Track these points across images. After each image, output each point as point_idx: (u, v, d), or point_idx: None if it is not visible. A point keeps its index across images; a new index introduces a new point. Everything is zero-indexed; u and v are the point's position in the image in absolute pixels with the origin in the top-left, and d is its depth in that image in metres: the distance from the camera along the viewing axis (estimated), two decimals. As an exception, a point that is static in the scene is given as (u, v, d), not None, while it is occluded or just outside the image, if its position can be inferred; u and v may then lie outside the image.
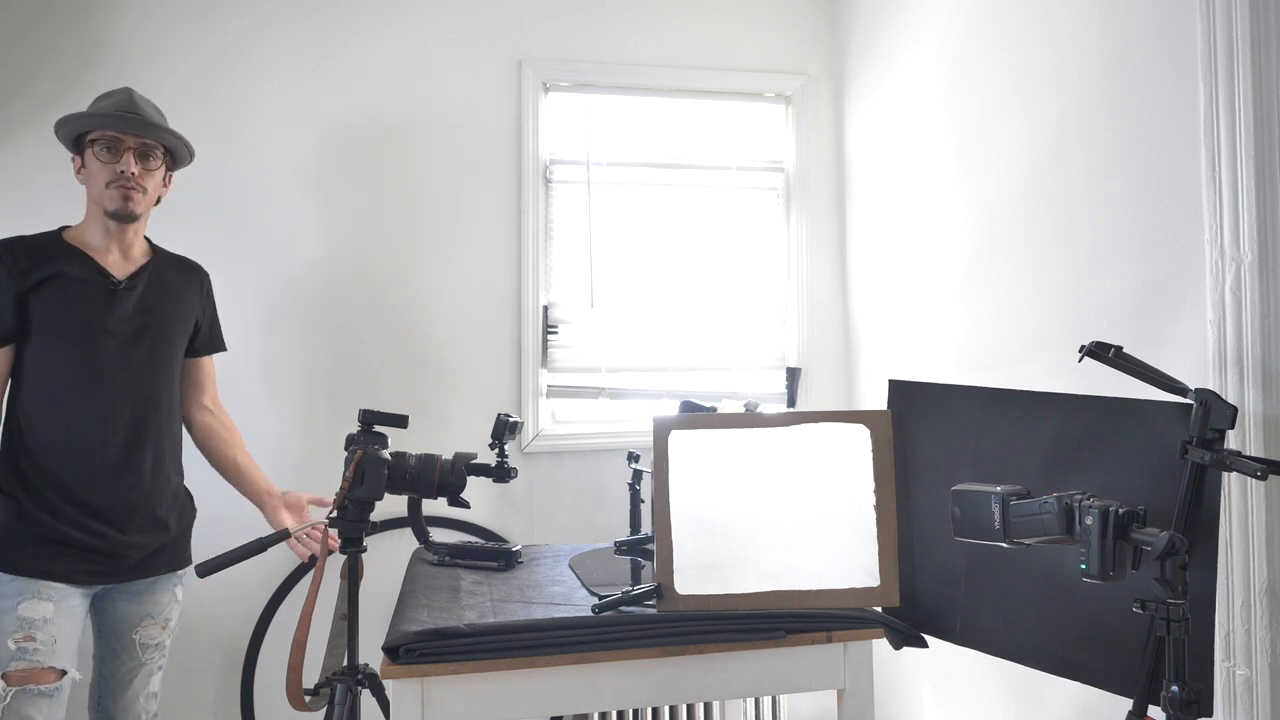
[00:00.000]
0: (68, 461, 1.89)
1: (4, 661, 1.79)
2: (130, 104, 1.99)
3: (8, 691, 1.78)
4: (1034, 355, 2.11)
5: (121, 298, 1.97)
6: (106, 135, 1.95)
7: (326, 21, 2.83)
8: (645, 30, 3.03)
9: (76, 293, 1.92)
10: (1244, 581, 1.55)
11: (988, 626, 1.66)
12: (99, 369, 1.93)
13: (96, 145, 1.95)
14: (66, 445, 1.90)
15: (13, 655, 1.79)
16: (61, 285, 1.91)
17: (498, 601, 1.80)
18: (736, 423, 1.79)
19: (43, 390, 1.90)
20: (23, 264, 1.89)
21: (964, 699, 2.41)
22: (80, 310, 1.92)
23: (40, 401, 1.89)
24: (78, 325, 1.91)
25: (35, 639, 1.81)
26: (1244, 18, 1.55)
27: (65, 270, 1.92)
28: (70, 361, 1.91)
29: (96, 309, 1.94)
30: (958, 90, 2.43)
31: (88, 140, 1.96)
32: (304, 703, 1.73)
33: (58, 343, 1.90)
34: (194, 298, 2.14)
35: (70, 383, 1.91)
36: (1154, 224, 1.76)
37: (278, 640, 2.70)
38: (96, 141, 1.95)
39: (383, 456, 1.78)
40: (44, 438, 1.89)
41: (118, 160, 1.95)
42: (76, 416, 1.91)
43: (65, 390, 1.90)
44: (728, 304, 3.09)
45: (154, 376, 2.02)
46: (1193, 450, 1.39)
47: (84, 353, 1.91)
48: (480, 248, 2.90)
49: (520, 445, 2.86)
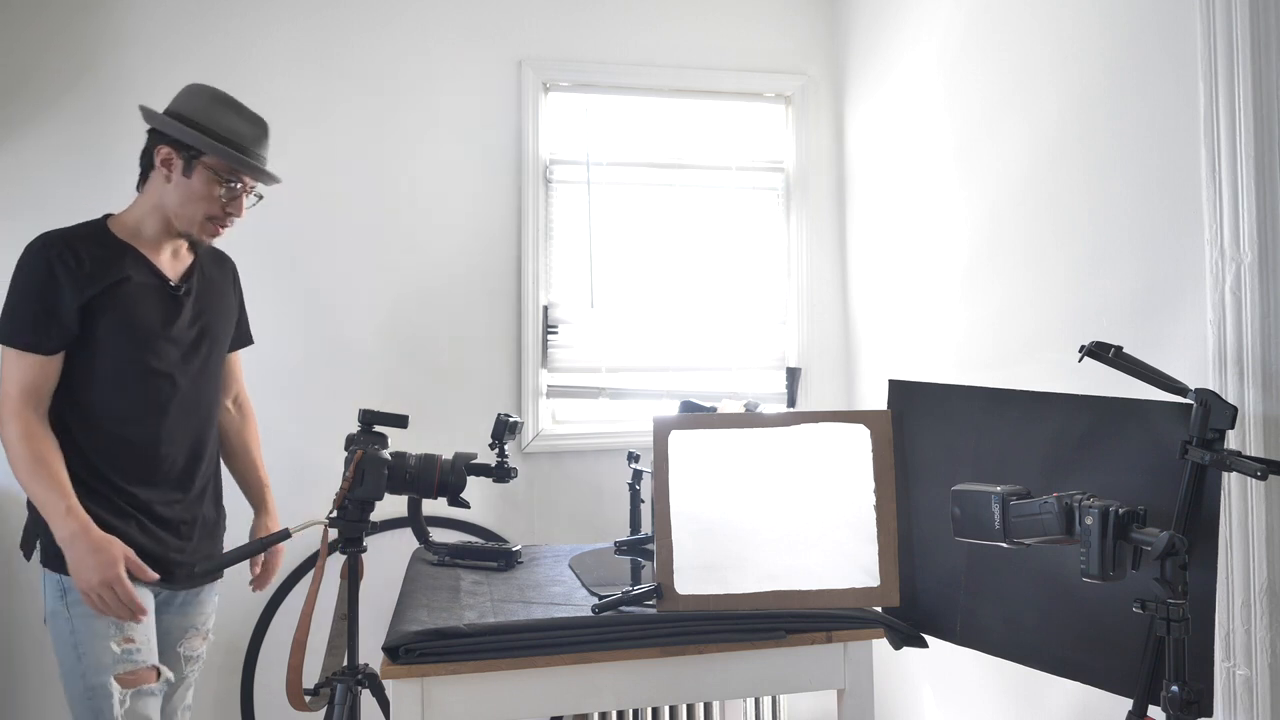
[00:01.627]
0: (132, 471, 1.82)
1: (110, 666, 1.73)
2: (264, 143, 1.90)
3: (125, 694, 1.73)
4: (1034, 355, 2.11)
5: (181, 303, 1.89)
6: (234, 172, 1.84)
7: (326, 22, 2.83)
8: (645, 30, 3.03)
9: (140, 300, 1.82)
10: (1244, 581, 1.55)
11: (988, 626, 1.66)
12: (165, 379, 1.84)
13: (215, 174, 1.82)
14: (131, 455, 1.82)
15: (118, 659, 1.74)
16: (126, 292, 1.79)
17: (498, 601, 1.80)
18: (736, 423, 1.79)
19: (106, 399, 1.80)
20: (86, 268, 1.76)
21: (964, 699, 2.41)
22: (145, 319, 1.82)
23: (103, 410, 1.80)
24: (143, 335, 1.81)
25: (134, 640, 1.76)
26: (1244, 18, 1.55)
27: (130, 275, 1.81)
28: (136, 372, 1.81)
29: (159, 317, 1.84)
30: (958, 90, 2.43)
31: (205, 161, 1.82)
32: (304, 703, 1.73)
33: (124, 351, 1.79)
34: (231, 293, 2.08)
35: (137, 394, 1.82)
36: (1154, 224, 1.76)
37: (278, 640, 2.70)
38: (216, 171, 1.83)
39: (383, 456, 1.78)
40: (106, 446, 1.80)
41: (232, 201, 1.86)
42: (142, 428, 1.82)
43: (132, 401, 1.81)
44: (728, 304, 3.09)
45: (210, 383, 1.97)
46: (1193, 450, 1.39)
47: (149, 362, 1.82)
48: (480, 248, 2.89)
49: (520, 445, 2.86)
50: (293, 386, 2.75)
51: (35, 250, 1.77)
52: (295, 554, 2.68)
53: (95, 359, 1.78)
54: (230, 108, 1.88)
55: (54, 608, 1.76)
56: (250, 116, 1.90)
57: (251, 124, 1.89)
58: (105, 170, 2.64)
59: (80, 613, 1.73)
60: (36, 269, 1.75)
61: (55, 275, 1.74)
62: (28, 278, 1.75)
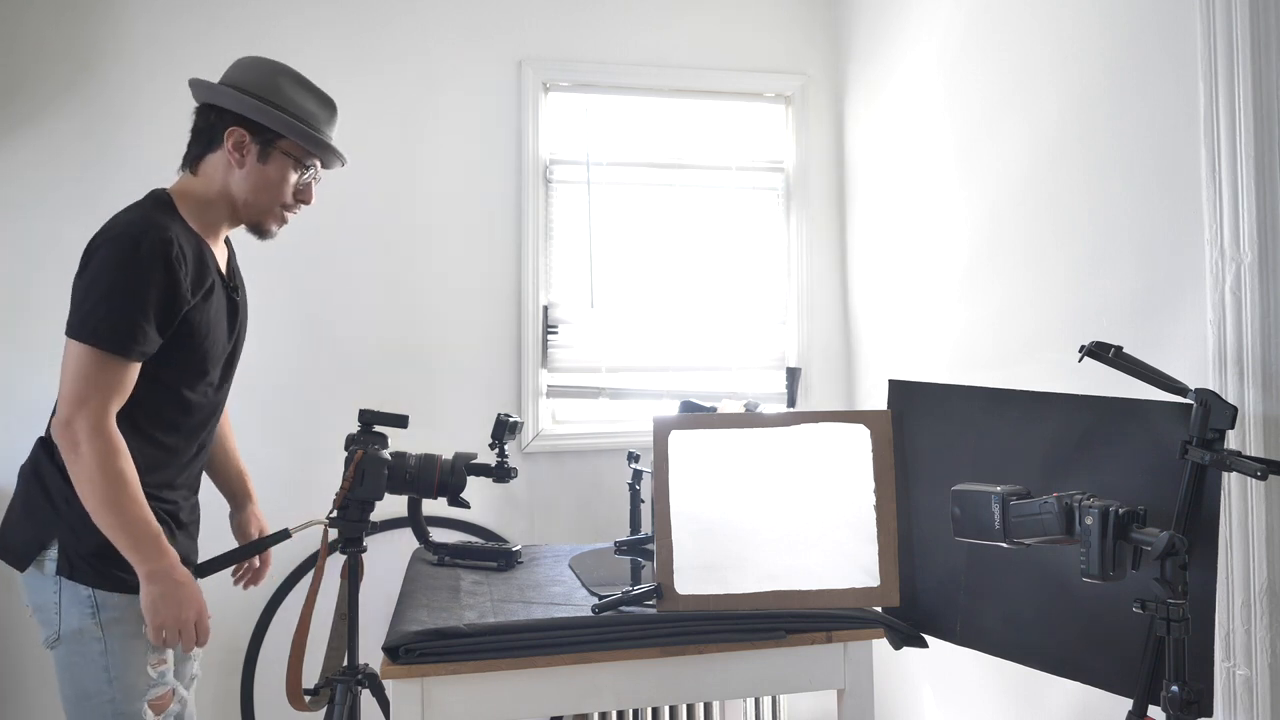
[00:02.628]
0: (166, 477, 1.67)
1: (145, 692, 1.59)
2: (334, 123, 1.77)
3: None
4: (1034, 355, 2.11)
5: (237, 306, 1.76)
6: (313, 159, 1.71)
7: (326, 22, 2.83)
8: (645, 30, 3.03)
9: (218, 304, 1.67)
10: (1244, 581, 1.55)
11: (988, 626, 1.66)
12: (212, 388, 1.71)
13: (294, 159, 1.68)
14: (170, 463, 1.68)
15: (152, 683, 1.60)
16: (213, 299, 1.65)
17: (498, 601, 1.80)
18: (736, 423, 1.79)
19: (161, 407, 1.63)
20: (192, 271, 1.57)
21: (964, 699, 2.41)
22: (219, 328, 1.68)
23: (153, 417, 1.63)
24: (217, 346, 1.67)
25: (166, 661, 1.64)
26: (1244, 18, 1.55)
27: (214, 279, 1.65)
28: (199, 383, 1.67)
29: (226, 324, 1.72)
30: (958, 90, 2.43)
31: (283, 146, 1.67)
32: (304, 703, 1.73)
33: (195, 361, 1.64)
34: None
35: (194, 404, 1.67)
36: (1154, 224, 1.76)
37: (278, 640, 2.70)
38: (295, 157, 1.69)
39: (383, 457, 1.78)
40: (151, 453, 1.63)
41: (305, 189, 1.73)
42: (188, 439, 1.70)
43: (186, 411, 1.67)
44: (728, 304, 3.08)
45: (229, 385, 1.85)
46: (1193, 450, 1.39)
47: (210, 374, 1.68)
48: (480, 248, 2.89)
49: (520, 445, 2.86)
50: (293, 386, 2.75)
51: (150, 243, 1.52)
52: (295, 554, 2.68)
53: (161, 366, 1.60)
54: (301, 85, 1.71)
55: (80, 626, 1.56)
56: (320, 95, 1.74)
57: (322, 103, 1.74)
58: (105, 171, 2.64)
59: (119, 632, 1.57)
60: (152, 268, 1.52)
61: (175, 278, 1.54)
62: (138, 275, 1.51)
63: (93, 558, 1.56)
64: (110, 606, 1.57)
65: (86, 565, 1.56)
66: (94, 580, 1.57)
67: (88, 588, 1.56)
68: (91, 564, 1.56)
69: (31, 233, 2.62)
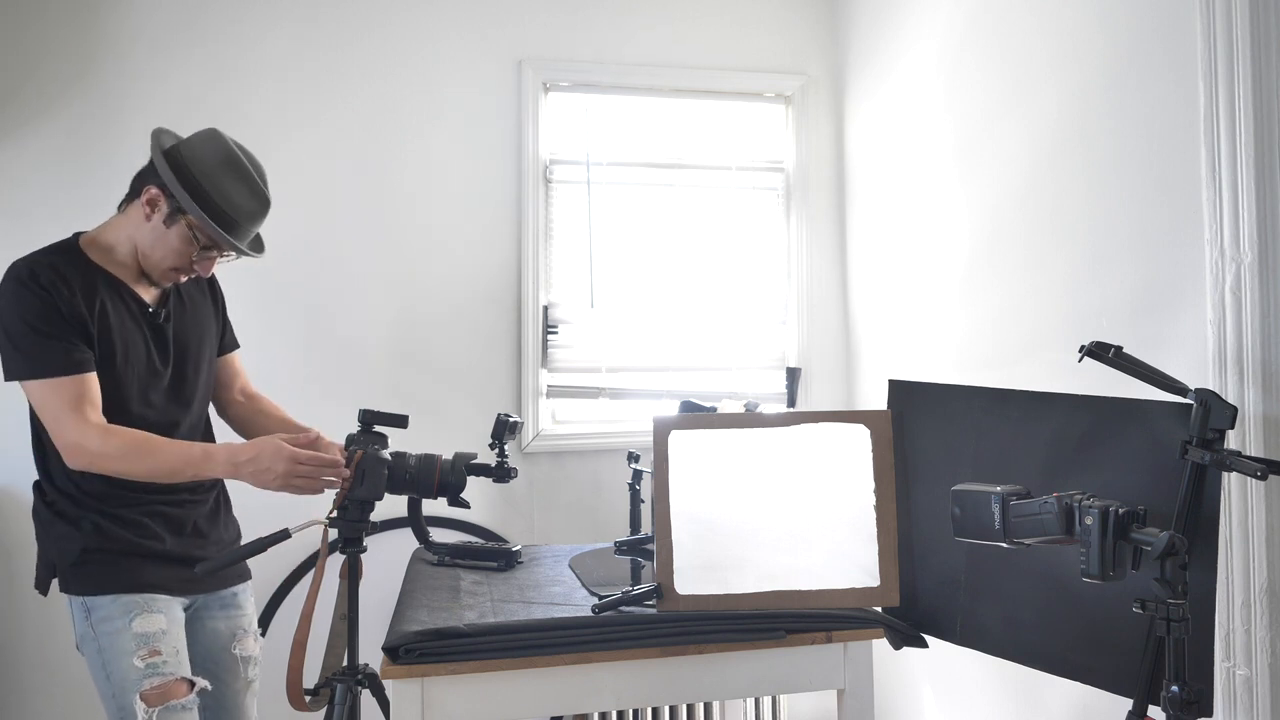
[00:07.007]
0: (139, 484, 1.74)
1: (136, 683, 1.65)
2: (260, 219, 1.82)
3: (150, 713, 1.65)
4: (1034, 355, 2.11)
5: (162, 330, 1.82)
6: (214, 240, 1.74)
7: (326, 22, 2.83)
8: (645, 30, 3.03)
9: (131, 333, 1.75)
10: (1244, 581, 1.55)
11: (988, 626, 1.66)
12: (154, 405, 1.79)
13: (194, 234, 1.73)
14: None
15: (143, 674, 1.66)
16: (108, 321, 1.72)
17: (498, 601, 1.80)
18: (736, 423, 1.79)
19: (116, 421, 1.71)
20: (78, 293, 1.67)
21: (964, 699, 2.41)
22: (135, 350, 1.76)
23: None
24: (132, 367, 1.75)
25: (160, 652, 1.69)
26: (1244, 18, 1.55)
27: (107, 302, 1.72)
28: (127, 400, 1.75)
29: (155, 349, 1.79)
30: (958, 90, 2.43)
31: (190, 221, 1.72)
32: (304, 703, 1.72)
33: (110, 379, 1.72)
34: (210, 307, 2.01)
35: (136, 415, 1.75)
36: (1154, 224, 1.76)
37: (278, 640, 2.70)
38: (196, 233, 1.73)
39: (383, 457, 1.78)
40: None
41: (203, 262, 1.78)
42: None
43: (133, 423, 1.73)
44: (728, 304, 3.09)
45: (203, 400, 1.93)
46: (1193, 450, 1.39)
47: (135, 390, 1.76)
48: (480, 248, 2.89)
49: (520, 445, 2.86)
50: (293, 386, 2.74)
51: (30, 273, 1.65)
52: (295, 554, 2.68)
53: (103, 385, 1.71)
54: (239, 176, 1.76)
55: (82, 631, 1.70)
56: (255, 189, 1.78)
57: (253, 197, 1.78)
58: (104, 172, 2.63)
59: (106, 630, 1.68)
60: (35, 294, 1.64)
61: (58, 295, 1.65)
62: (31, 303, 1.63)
63: (74, 567, 1.70)
64: (98, 608, 1.69)
65: (72, 575, 1.71)
66: (81, 587, 1.70)
67: (80, 596, 1.70)
68: (75, 574, 1.70)
69: (31, 233, 2.60)
